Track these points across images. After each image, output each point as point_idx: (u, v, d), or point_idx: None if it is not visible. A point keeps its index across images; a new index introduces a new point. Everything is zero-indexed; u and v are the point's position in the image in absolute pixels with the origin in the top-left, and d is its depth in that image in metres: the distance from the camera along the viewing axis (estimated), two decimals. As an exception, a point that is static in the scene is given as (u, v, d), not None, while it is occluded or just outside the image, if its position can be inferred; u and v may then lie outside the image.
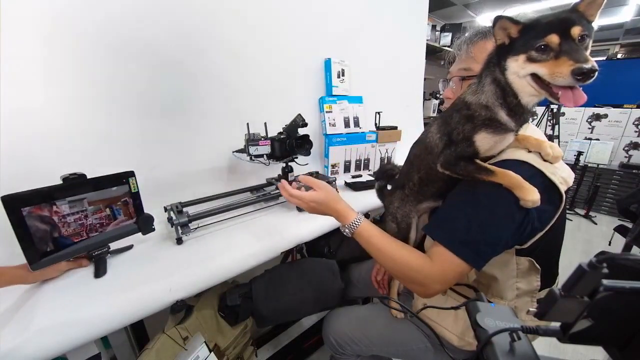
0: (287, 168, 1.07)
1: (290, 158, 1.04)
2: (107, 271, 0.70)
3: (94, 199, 0.69)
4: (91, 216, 0.69)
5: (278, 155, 1.00)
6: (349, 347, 0.85)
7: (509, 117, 0.56)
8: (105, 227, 0.72)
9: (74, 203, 0.66)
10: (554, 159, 0.58)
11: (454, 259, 0.55)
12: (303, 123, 0.97)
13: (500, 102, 0.55)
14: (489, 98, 0.56)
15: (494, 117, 0.55)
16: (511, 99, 0.54)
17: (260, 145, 0.96)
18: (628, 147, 3.25)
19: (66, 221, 0.66)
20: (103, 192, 0.70)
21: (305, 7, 1.27)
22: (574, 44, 0.46)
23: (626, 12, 3.97)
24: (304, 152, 1.01)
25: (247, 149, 0.97)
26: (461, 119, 0.59)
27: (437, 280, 0.56)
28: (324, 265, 0.98)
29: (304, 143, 1.01)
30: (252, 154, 0.96)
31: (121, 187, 0.73)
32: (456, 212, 0.59)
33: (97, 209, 0.70)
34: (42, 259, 0.63)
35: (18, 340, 0.51)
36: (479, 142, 0.57)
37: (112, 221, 0.73)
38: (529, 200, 0.51)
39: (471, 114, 0.57)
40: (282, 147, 0.99)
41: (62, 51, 0.79)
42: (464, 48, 0.70)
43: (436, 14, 3.99)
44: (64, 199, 0.64)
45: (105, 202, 0.71)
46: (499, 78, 0.54)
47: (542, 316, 0.29)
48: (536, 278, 0.63)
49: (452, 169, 0.60)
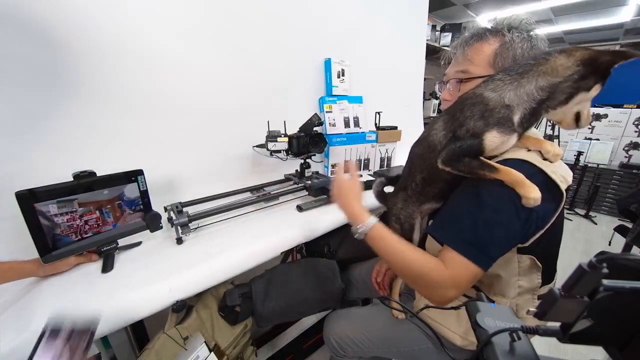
0: (305, 164, 1.13)
1: (307, 155, 1.10)
2: (114, 267, 0.71)
3: (101, 199, 0.71)
4: (100, 212, 0.71)
5: (295, 152, 1.05)
6: (350, 349, 0.84)
7: (520, 121, 0.56)
8: (114, 223, 0.74)
9: (83, 199, 0.68)
10: (554, 158, 0.58)
11: (463, 261, 0.54)
12: (319, 122, 1.04)
13: (531, 105, 0.56)
14: (517, 97, 0.55)
15: (510, 117, 0.55)
16: (545, 107, 0.56)
17: (279, 142, 1.02)
18: (628, 147, 3.25)
19: (77, 216, 0.68)
20: (112, 189, 0.72)
21: (305, 7, 1.27)
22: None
23: (626, 12, 3.97)
24: (319, 150, 1.07)
25: (266, 145, 1.04)
26: (474, 114, 0.57)
27: (449, 285, 0.55)
28: (324, 265, 0.98)
29: (320, 141, 1.06)
30: (270, 149, 1.03)
31: (130, 185, 0.75)
32: (460, 212, 0.59)
33: (106, 206, 0.72)
34: (54, 253, 0.65)
35: (18, 340, 0.51)
36: (488, 140, 0.56)
37: (121, 218, 0.75)
38: (530, 198, 0.51)
39: (489, 110, 0.56)
40: (299, 144, 1.04)
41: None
42: (460, 50, 0.69)
43: (436, 14, 3.99)
44: (74, 195, 0.66)
45: (114, 199, 0.73)
46: (563, 89, 0.54)
47: (542, 316, 0.29)
48: (537, 276, 0.63)
49: (454, 165, 0.59)
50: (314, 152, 1.08)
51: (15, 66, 0.73)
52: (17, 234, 0.67)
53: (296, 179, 1.15)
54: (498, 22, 0.66)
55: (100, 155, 0.87)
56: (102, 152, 0.88)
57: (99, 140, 0.87)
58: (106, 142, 0.88)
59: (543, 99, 0.55)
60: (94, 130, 0.86)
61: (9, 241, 0.71)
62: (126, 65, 0.88)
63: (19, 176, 0.73)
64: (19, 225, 0.60)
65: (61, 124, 0.80)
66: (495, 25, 0.66)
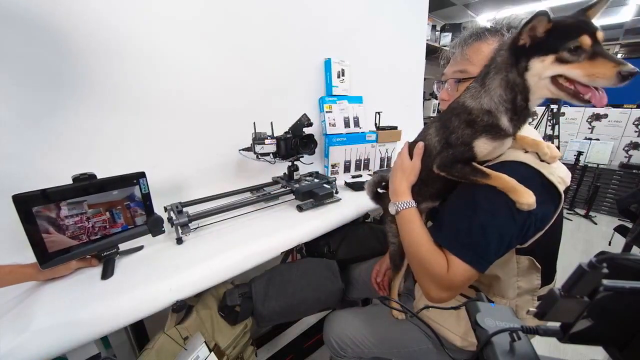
0: (292, 167, 1.09)
1: (295, 157, 1.06)
2: (114, 272, 0.69)
3: (103, 201, 0.69)
4: (101, 216, 0.69)
5: (284, 154, 1.01)
6: (350, 350, 0.84)
7: (510, 123, 0.55)
8: (115, 228, 0.72)
9: (82, 203, 0.66)
10: (551, 159, 0.58)
11: (460, 263, 0.55)
12: (308, 123, 0.99)
13: (506, 106, 0.54)
14: (493, 102, 0.55)
15: (496, 123, 0.55)
16: (521, 102, 0.54)
17: (266, 144, 0.97)
18: (628, 147, 3.25)
19: (76, 220, 0.66)
20: (112, 193, 0.70)
21: (305, 7, 1.27)
22: (602, 47, 0.46)
23: (626, 12, 3.97)
24: (309, 152, 1.03)
25: (253, 147, 0.98)
26: (461, 124, 0.58)
27: (445, 285, 0.56)
28: (324, 265, 0.98)
29: (309, 142, 1.02)
30: (258, 152, 0.98)
31: (132, 188, 0.73)
32: (457, 215, 0.59)
33: (107, 210, 0.70)
34: (52, 259, 0.63)
35: (18, 340, 0.51)
36: (478, 148, 0.57)
37: (121, 222, 0.73)
38: (524, 203, 0.51)
39: (472, 119, 0.57)
40: (287, 146, 1.00)
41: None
42: (459, 50, 0.69)
43: (436, 14, 3.99)
44: (74, 199, 0.64)
45: (115, 202, 0.71)
46: (513, 80, 0.53)
47: (542, 316, 0.29)
48: (537, 276, 0.63)
49: (448, 170, 0.60)
50: (304, 154, 1.04)
51: (23, 66, 0.73)
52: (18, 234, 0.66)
53: (284, 182, 1.11)
54: (497, 22, 0.66)
55: (100, 155, 0.87)
56: (102, 153, 0.88)
57: (99, 141, 0.87)
58: (106, 143, 0.88)
59: (513, 97, 0.54)
60: (94, 130, 0.86)
61: (11, 242, 0.70)
62: (127, 65, 0.88)
63: (17, 177, 0.73)
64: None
65: (61, 125, 0.80)
66: (494, 25, 0.66)
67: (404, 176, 0.70)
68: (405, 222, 0.66)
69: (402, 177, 0.70)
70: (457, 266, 0.55)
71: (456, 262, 0.55)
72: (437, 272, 0.57)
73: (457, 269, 0.55)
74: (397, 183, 0.71)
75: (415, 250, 0.62)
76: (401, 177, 0.70)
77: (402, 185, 0.70)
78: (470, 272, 0.55)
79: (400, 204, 0.68)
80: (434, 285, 0.58)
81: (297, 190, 1.02)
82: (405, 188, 0.70)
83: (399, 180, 0.70)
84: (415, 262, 0.63)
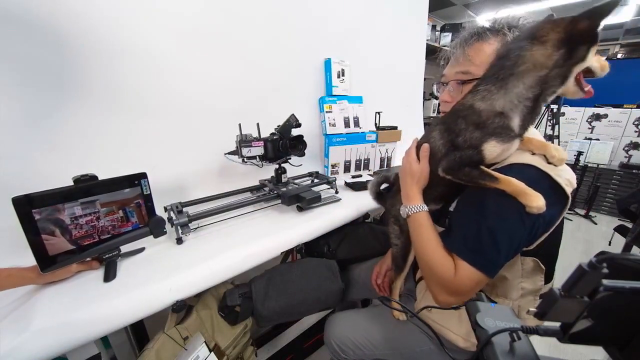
0: (280, 169, 1.05)
1: (283, 159, 1.02)
2: (116, 275, 0.68)
3: (106, 201, 0.68)
4: (103, 218, 0.68)
5: (271, 157, 0.97)
6: (351, 352, 0.84)
7: (521, 123, 0.55)
8: (116, 230, 0.71)
9: (85, 205, 0.65)
10: (559, 162, 0.57)
11: (469, 268, 0.54)
12: (297, 123, 0.95)
13: (527, 104, 0.53)
14: (511, 102, 0.54)
15: (507, 125, 0.54)
16: (543, 99, 0.53)
17: (254, 147, 0.93)
18: (628, 147, 3.25)
19: (78, 223, 0.65)
20: (114, 194, 0.69)
21: (306, 7, 1.27)
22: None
23: (626, 12, 3.97)
24: (298, 153, 0.99)
25: (239, 151, 0.94)
26: (468, 126, 0.57)
27: (452, 290, 0.56)
28: (324, 265, 0.98)
29: (298, 144, 0.99)
30: (244, 156, 0.93)
31: (133, 189, 0.72)
32: (466, 220, 0.59)
33: (109, 211, 0.69)
34: (53, 262, 0.62)
35: (18, 340, 0.51)
36: (487, 151, 0.56)
37: (124, 224, 0.72)
38: (534, 206, 0.50)
39: (482, 121, 0.55)
40: (275, 148, 0.96)
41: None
42: (460, 50, 0.68)
43: (436, 14, 3.99)
44: (75, 201, 0.63)
45: (117, 204, 0.70)
46: (557, 73, 0.51)
47: (542, 316, 0.29)
48: (540, 277, 0.63)
49: (454, 174, 0.60)
50: (294, 156, 1.00)
51: (23, 67, 0.73)
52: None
53: (271, 185, 1.06)
54: (497, 22, 0.65)
55: (101, 155, 0.87)
56: (102, 153, 0.88)
57: (99, 141, 0.87)
58: (107, 143, 0.88)
59: (538, 94, 0.54)
60: (93, 130, 0.86)
61: (11, 244, 0.69)
62: (126, 66, 0.88)
63: (17, 178, 0.73)
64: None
65: (61, 125, 0.80)
66: (494, 24, 0.66)
67: (414, 181, 0.70)
68: (416, 225, 0.66)
69: (412, 182, 0.70)
70: (465, 271, 0.55)
71: (465, 267, 0.55)
72: (445, 276, 0.57)
73: (465, 274, 0.55)
74: (407, 188, 0.71)
75: (424, 254, 0.62)
76: (411, 182, 0.70)
77: (412, 190, 0.70)
78: (480, 277, 0.54)
79: (410, 207, 0.68)
80: (441, 289, 0.58)
81: (284, 194, 0.97)
82: (416, 192, 0.70)
83: (410, 185, 0.70)
84: (424, 265, 0.63)
